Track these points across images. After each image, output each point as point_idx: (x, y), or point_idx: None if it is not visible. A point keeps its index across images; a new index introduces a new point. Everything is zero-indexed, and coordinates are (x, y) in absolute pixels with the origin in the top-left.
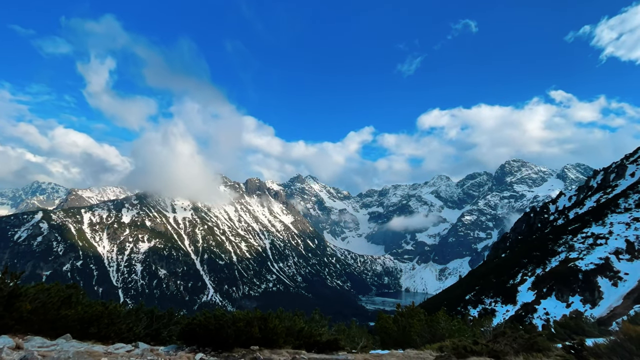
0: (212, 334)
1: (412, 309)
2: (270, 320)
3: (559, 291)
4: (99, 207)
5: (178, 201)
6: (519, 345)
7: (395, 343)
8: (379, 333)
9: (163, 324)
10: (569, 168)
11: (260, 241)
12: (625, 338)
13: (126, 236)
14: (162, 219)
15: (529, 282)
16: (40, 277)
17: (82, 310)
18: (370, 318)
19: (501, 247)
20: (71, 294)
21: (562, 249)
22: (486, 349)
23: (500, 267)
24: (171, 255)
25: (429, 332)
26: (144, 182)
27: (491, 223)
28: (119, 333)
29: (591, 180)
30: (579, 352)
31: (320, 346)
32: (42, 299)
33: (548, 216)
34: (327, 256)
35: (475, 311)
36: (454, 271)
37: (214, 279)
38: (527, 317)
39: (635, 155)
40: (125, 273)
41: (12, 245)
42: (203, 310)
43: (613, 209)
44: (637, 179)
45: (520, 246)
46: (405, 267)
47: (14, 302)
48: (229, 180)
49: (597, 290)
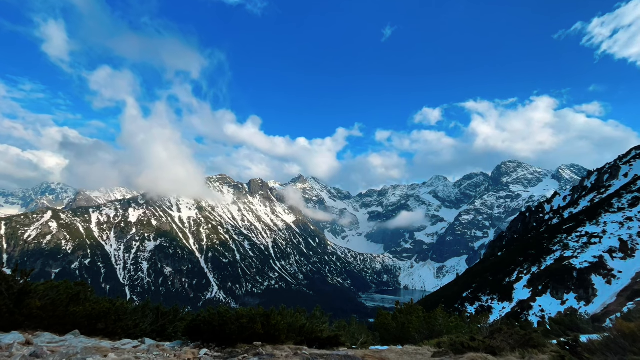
0: (216, 330)
1: (410, 306)
2: (273, 317)
3: (554, 289)
4: (107, 207)
5: (183, 201)
6: (515, 342)
7: (394, 339)
8: (378, 329)
9: (168, 320)
10: (563, 169)
11: (263, 240)
12: (619, 335)
13: (133, 235)
14: (168, 218)
15: (525, 280)
16: (49, 275)
17: (90, 307)
18: (370, 315)
19: (497, 246)
20: (79, 291)
21: (557, 247)
22: (483, 345)
23: (497, 265)
24: (176, 254)
25: (427, 328)
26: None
27: (488, 222)
28: (126, 329)
29: (585, 180)
30: (574, 348)
31: (321, 342)
32: (52, 296)
33: (543, 215)
34: (328, 254)
35: (472, 308)
36: (452, 269)
37: (218, 277)
38: (523, 314)
39: (629, 156)
40: (131, 271)
41: (23, 243)
42: (207, 307)
43: (607, 209)
44: (630, 180)
45: (516, 245)
46: (404, 265)
47: (24, 299)
48: (232, 180)
49: (591, 288)
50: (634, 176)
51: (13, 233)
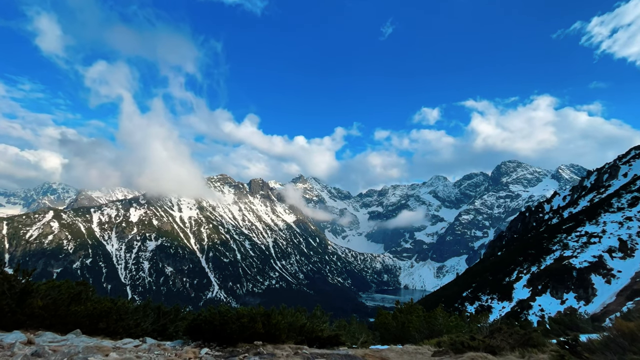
0: (217, 329)
1: (410, 306)
2: (273, 316)
3: (553, 288)
4: (108, 207)
5: (184, 201)
6: (514, 341)
7: (394, 338)
8: (378, 329)
9: (169, 319)
10: (563, 169)
11: (264, 239)
12: (619, 334)
13: (134, 235)
14: (169, 218)
15: (525, 280)
16: (51, 275)
17: (92, 306)
18: (370, 314)
19: (497, 246)
20: (81, 290)
21: (556, 247)
22: (483, 345)
23: (497, 265)
24: (177, 253)
25: (427, 328)
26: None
27: (487, 222)
28: (127, 328)
29: (585, 180)
30: (573, 348)
31: (321, 341)
32: (53, 296)
33: (543, 215)
34: (328, 254)
35: (472, 308)
36: (452, 269)
37: (218, 276)
38: (523, 314)
39: (628, 156)
40: (133, 270)
41: (24, 243)
42: (208, 307)
43: (606, 209)
44: (629, 179)
45: (515, 244)
46: (404, 265)
47: (26, 298)
48: (232, 180)
49: (590, 288)
50: (633, 176)
51: (15, 233)
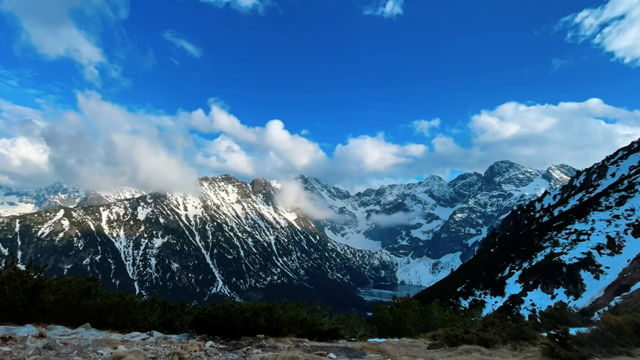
0: (221, 323)
1: (407, 300)
2: (275, 311)
3: (544, 284)
4: (116, 205)
5: (189, 199)
6: (507, 334)
7: (391, 332)
8: (376, 323)
9: (176, 314)
10: (553, 169)
11: (266, 237)
12: (607, 327)
13: (141, 232)
14: (175, 216)
15: (516, 275)
16: (61, 271)
17: (101, 301)
18: (368, 309)
19: (490, 243)
20: (90, 286)
21: (547, 244)
22: (476, 338)
23: (490, 261)
24: (183, 250)
25: (423, 321)
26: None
27: (481, 220)
28: (135, 322)
29: (574, 180)
30: (563, 341)
31: (321, 335)
32: (64, 291)
33: (534, 214)
34: (328, 251)
35: (466, 302)
36: (446, 265)
37: (222, 272)
38: (515, 308)
39: (616, 157)
40: (140, 267)
41: (36, 241)
42: (213, 301)
43: (595, 207)
44: (617, 179)
45: (508, 242)
46: (401, 261)
47: (38, 293)
48: (236, 180)
49: (580, 283)
50: (620, 176)
51: (27, 230)
